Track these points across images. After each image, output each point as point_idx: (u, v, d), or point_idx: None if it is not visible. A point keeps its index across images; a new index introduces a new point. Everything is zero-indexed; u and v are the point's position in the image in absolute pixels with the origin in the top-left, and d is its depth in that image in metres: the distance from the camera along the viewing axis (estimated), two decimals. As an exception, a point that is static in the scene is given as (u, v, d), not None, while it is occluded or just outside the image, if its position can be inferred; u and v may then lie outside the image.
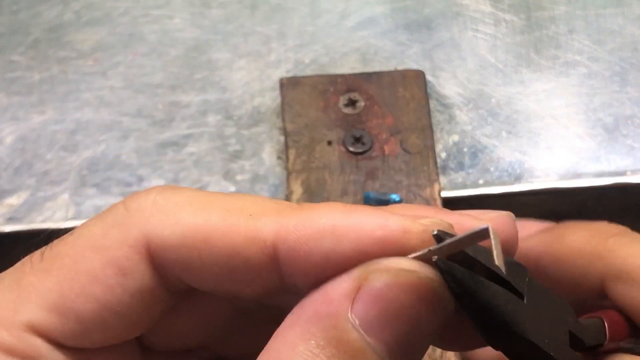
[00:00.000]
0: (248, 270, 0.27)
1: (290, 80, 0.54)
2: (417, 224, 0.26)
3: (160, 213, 0.27)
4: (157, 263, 0.27)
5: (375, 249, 0.26)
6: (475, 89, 0.56)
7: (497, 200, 0.53)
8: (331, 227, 0.26)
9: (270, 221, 0.27)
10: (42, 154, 0.54)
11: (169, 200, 0.28)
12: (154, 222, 0.27)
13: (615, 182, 0.54)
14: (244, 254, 0.27)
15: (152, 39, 0.58)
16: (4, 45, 0.57)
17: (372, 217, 0.26)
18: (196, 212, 0.27)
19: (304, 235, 0.26)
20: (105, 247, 0.27)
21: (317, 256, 0.26)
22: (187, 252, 0.27)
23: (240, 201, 0.28)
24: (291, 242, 0.26)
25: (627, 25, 0.59)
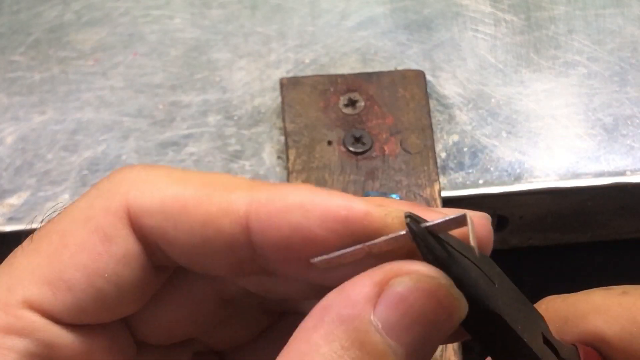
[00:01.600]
0: (221, 240, 0.28)
1: (290, 80, 0.55)
2: (379, 208, 0.28)
3: (141, 183, 0.29)
4: (137, 229, 0.28)
5: (340, 227, 0.27)
6: (475, 89, 0.56)
7: (496, 200, 0.54)
8: (300, 202, 0.27)
9: (244, 194, 0.28)
10: (43, 154, 0.54)
11: (150, 173, 0.29)
12: (135, 191, 0.28)
13: (614, 182, 0.54)
14: (217, 224, 0.28)
15: (153, 39, 0.58)
16: (5, 46, 0.57)
17: (338, 199, 0.28)
18: (175, 183, 0.29)
19: (275, 209, 0.27)
20: (90, 216, 0.29)
21: (286, 229, 0.27)
22: (164, 218, 0.28)
23: (216, 177, 0.29)
24: (262, 215, 0.27)
25: (627, 25, 0.59)
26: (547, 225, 0.56)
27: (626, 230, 0.58)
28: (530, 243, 0.58)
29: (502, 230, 0.56)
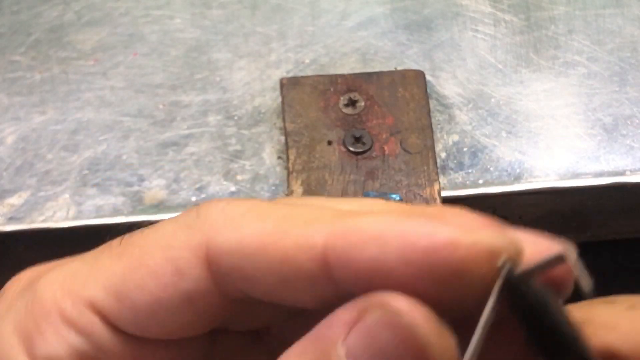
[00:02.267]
0: (301, 277, 0.27)
1: (290, 80, 0.55)
2: (467, 235, 0.26)
3: (223, 220, 0.28)
4: (214, 268, 0.28)
5: (420, 258, 0.25)
6: (475, 89, 0.56)
7: (496, 200, 0.54)
8: (377, 233, 0.26)
9: (322, 228, 0.27)
10: (43, 153, 0.54)
11: (234, 209, 0.28)
12: (216, 228, 0.28)
13: (614, 182, 0.54)
14: (294, 261, 0.27)
15: (153, 39, 0.58)
16: (5, 46, 0.58)
17: (421, 226, 0.26)
18: (255, 220, 0.28)
19: (352, 242, 0.26)
20: (170, 246, 0.29)
21: (363, 263, 0.26)
22: (242, 258, 0.27)
23: (299, 209, 0.28)
24: (339, 249, 0.26)
25: (627, 25, 0.59)
26: (547, 225, 0.56)
27: (626, 230, 0.58)
28: (530, 243, 0.58)
29: (502, 230, 0.56)
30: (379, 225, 0.26)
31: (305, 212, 0.28)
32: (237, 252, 0.28)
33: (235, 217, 0.28)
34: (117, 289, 0.29)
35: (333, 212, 0.28)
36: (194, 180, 0.53)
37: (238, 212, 0.28)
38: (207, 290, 0.28)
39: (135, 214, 0.52)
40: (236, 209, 0.28)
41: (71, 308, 0.29)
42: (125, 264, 0.29)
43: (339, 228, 0.27)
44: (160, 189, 0.53)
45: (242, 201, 0.29)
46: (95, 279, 0.29)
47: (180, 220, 0.29)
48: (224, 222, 0.28)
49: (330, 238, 0.26)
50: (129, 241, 0.30)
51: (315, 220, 0.27)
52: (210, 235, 0.28)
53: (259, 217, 0.28)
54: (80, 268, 0.30)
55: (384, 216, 0.27)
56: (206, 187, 0.53)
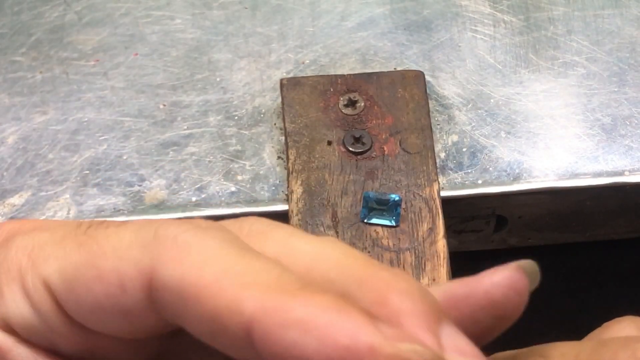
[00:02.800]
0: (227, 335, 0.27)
1: (290, 80, 0.55)
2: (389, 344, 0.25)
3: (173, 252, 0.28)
4: (152, 296, 0.28)
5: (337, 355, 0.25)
6: (474, 90, 0.57)
7: (495, 200, 0.54)
8: (302, 320, 0.26)
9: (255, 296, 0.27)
10: (44, 153, 0.54)
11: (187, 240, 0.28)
12: (164, 258, 0.28)
13: (613, 182, 0.54)
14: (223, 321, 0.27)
15: (153, 40, 0.58)
16: (6, 46, 0.58)
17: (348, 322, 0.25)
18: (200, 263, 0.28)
19: (275, 322, 0.26)
20: (122, 257, 0.29)
21: (281, 345, 0.26)
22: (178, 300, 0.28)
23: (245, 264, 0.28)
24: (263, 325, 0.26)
25: (625, 26, 0.59)
26: (546, 225, 0.57)
27: (625, 230, 0.58)
28: (529, 243, 0.58)
29: (500, 230, 0.57)
30: (308, 311, 0.26)
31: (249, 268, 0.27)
32: (175, 292, 0.28)
33: (184, 251, 0.28)
34: (69, 278, 0.30)
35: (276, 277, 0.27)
36: (194, 180, 0.53)
37: (188, 246, 0.28)
38: (144, 311, 0.29)
39: (135, 214, 0.52)
40: (188, 241, 0.28)
41: (30, 280, 0.30)
42: (82, 256, 0.30)
43: (269, 303, 0.26)
44: (160, 189, 0.53)
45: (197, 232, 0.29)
46: (55, 260, 0.30)
47: (141, 233, 0.29)
48: (172, 254, 0.28)
49: (258, 311, 0.26)
50: (93, 233, 0.30)
51: (252, 285, 0.27)
52: (157, 263, 0.28)
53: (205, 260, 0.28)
54: (48, 242, 0.31)
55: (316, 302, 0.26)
56: (206, 187, 0.53)
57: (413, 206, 0.50)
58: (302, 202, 0.51)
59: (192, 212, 0.52)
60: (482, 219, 0.55)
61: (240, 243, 0.29)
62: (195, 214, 0.52)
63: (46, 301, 0.30)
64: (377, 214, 0.50)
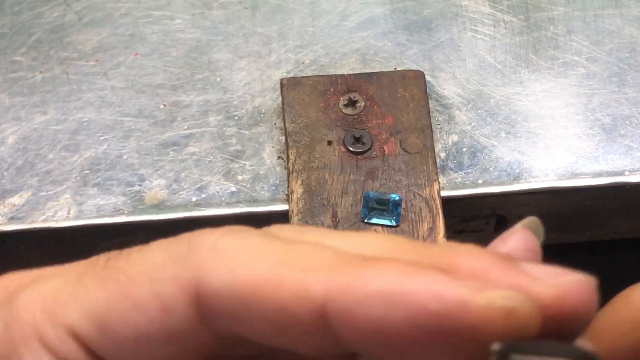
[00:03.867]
0: (298, 327, 0.25)
1: (290, 80, 0.55)
2: (479, 296, 0.24)
3: (215, 257, 0.26)
4: (203, 309, 0.26)
5: (429, 321, 0.24)
6: (475, 90, 0.57)
7: (495, 199, 0.54)
8: (382, 292, 0.24)
9: (322, 278, 0.25)
10: (44, 153, 0.54)
11: (226, 245, 0.27)
12: (208, 266, 0.26)
13: (613, 182, 0.54)
14: (292, 312, 0.25)
15: (153, 40, 0.58)
16: (6, 46, 0.58)
17: (430, 285, 0.24)
18: (249, 260, 0.26)
19: (354, 299, 0.24)
20: (157, 279, 0.27)
21: (368, 323, 0.24)
22: (234, 302, 0.26)
23: (297, 251, 0.26)
24: (340, 305, 0.24)
25: (625, 26, 0.59)
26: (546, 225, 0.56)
27: (625, 229, 0.58)
28: (529, 243, 0.58)
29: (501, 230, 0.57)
30: (384, 281, 0.24)
31: (303, 254, 0.26)
32: (229, 296, 0.26)
33: (227, 254, 0.26)
34: (100, 318, 0.27)
35: (333, 256, 0.26)
36: (194, 180, 0.53)
37: (231, 249, 0.26)
38: (195, 329, 0.27)
39: (136, 214, 0.52)
40: (229, 244, 0.27)
41: (52, 333, 0.28)
42: (109, 291, 0.27)
43: (340, 281, 0.25)
44: (160, 188, 0.53)
45: (234, 234, 0.27)
46: (78, 304, 0.28)
47: (171, 249, 0.28)
48: (216, 260, 0.26)
49: (331, 291, 0.25)
50: (114, 265, 0.28)
51: (314, 268, 0.25)
52: (201, 273, 0.26)
53: (254, 257, 0.26)
54: (62, 288, 0.28)
55: (389, 270, 0.25)
56: (206, 187, 0.53)
57: (413, 206, 0.50)
58: (302, 202, 0.51)
59: (192, 212, 0.52)
60: (482, 219, 0.55)
61: (280, 237, 0.27)
62: (195, 214, 0.52)
63: (76, 351, 0.28)
64: (378, 214, 0.50)
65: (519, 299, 0.24)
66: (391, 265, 0.25)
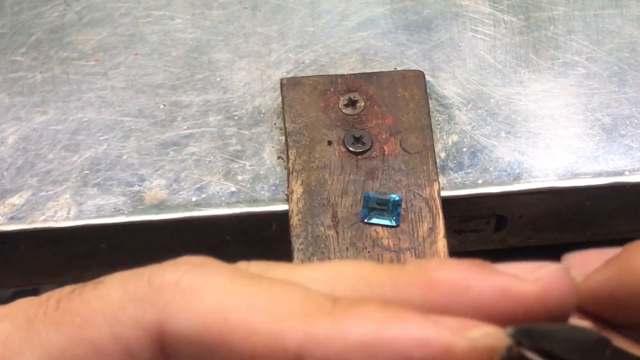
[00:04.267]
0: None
1: (290, 80, 0.55)
2: (463, 339, 0.23)
3: (181, 298, 0.25)
4: (169, 351, 0.25)
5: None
6: (475, 89, 0.57)
7: (496, 199, 0.54)
8: (363, 343, 0.23)
9: (296, 327, 0.24)
10: (44, 153, 0.54)
11: (191, 283, 0.25)
12: (173, 308, 0.25)
13: (613, 182, 0.54)
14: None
15: (154, 40, 0.58)
16: (6, 46, 0.58)
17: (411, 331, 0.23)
18: (218, 303, 0.25)
19: (333, 351, 0.23)
20: (118, 321, 0.25)
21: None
22: (201, 348, 0.25)
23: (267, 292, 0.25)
24: (319, 357, 0.23)
25: (626, 26, 0.59)
26: (546, 225, 0.57)
27: (625, 229, 0.58)
28: (529, 243, 0.58)
29: (501, 230, 0.57)
30: (363, 330, 0.23)
31: (274, 295, 0.24)
32: (196, 340, 0.25)
33: (193, 295, 0.25)
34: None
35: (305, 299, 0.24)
36: (194, 180, 0.53)
37: (197, 289, 0.25)
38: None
39: (135, 214, 0.52)
40: (194, 283, 0.25)
41: None
42: (65, 335, 0.26)
43: (317, 331, 0.24)
44: (160, 188, 0.53)
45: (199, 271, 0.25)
46: (32, 351, 0.26)
47: (129, 288, 0.26)
48: (181, 301, 0.25)
49: (307, 343, 0.23)
50: (67, 306, 0.26)
51: (288, 315, 0.24)
52: (165, 315, 0.25)
53: (222, 299, 0.24)
54: (12, 334, 0.26)
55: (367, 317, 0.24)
56: (206, 187, 0.53)
57: (413, 206, 0.50)
58: (302, 202, 0.51)
59: (192, 212, 0.52)
60: (482, 219, 0.55)
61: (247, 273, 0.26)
62: (195, 214, 0.52)
63: None
64: (378, 214, 0.50)
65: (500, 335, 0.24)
66: (368, 310, 0.24)
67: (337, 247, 0.49)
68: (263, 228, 0.53)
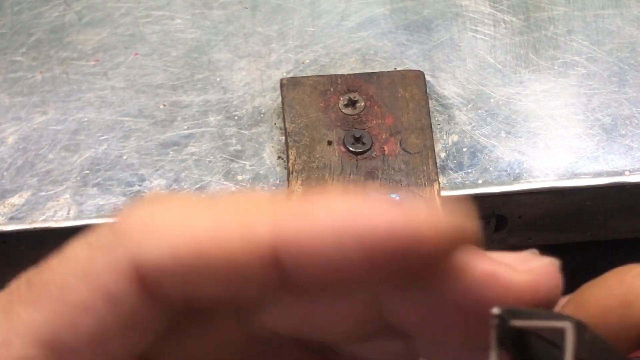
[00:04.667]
0: (251, 279, 0.24)
1: (290, 80, 0.55)
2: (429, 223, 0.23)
3: (147, 232, 0.25)
4: (149, 286, 0.25)
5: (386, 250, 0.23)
6: (475, 90, 0.57)
7: (496, 199, 0.54)
8: (332, 222, 0.23)
9: (266, 217, 0.23)
10: (44, 153, 0.54)
11: (155, 216, 0.25)
12: (142, 243, 0.24)
13: (613, 182, 0.54)
14: (242, 262, 0.24)
15: (153, 40, 0.58)
16: (6, 46, 0.58)
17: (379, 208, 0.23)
18: (185, 225, 0.24)
19: (304, 233, 0.23)
20: (92, 273, 0.25)
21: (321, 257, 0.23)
22: (180, 270, 0.24)
23: (231, 203, 0.25)
24: (291, 242, 0.23)
25: (626, 26, 0.59)
26: (546, 225, 0.57)
27: (625, 229, 0.58)
28: (529, 243, 0.58)
29: (501, 230, 0.57)
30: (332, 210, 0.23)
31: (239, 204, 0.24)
32: (173, 265, 0.24)
33: (158, 225, 0.25)
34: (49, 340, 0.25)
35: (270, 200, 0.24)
36: (194, 180, 0.53)
37: (160, 219, 0.25)
38: (147, 309, 0.25)
39: (135, 214, 0.52)
40: (156, 215, 0.25)
41: None
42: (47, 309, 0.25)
43: (286, 217, 0.23)
44: (160, 188, 0.53)
45: (160, 203, 0.25)
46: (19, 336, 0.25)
47: (93, 242, 0.25)
48: (149, 234, 0.24)
49: (279, 230, 0.23)
50: (39, 282, 0.25)
51: (255, 210, 0.24)
52: (137, 251, 0.24)
53: (188, 221, 0.24)
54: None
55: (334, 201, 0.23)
56: (206, 187, 0.53)
57: (413, 206, 0.50)
58: (302, 202, 0.51)
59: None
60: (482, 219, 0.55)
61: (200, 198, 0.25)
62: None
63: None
64: (377, 214, 0.50)
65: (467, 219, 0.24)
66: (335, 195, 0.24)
67: (337, 247, 0.49)
68: (263, 228, 0.53)
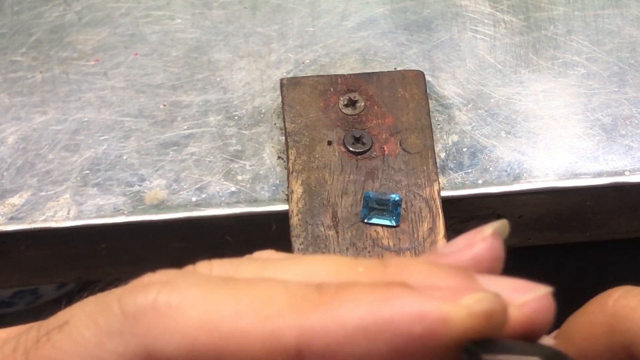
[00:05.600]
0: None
1: (290, 80, 0.55)
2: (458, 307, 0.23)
3: (162, 321, 0.23)
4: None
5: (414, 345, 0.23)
6: (475, 89, 0.57)
7: (496, 199, 0.54)
8: (362, 326, 0.23)
9: (290, 323, 0.23)
10: (44, 153, 0.54)
11: (169, 302, 0.24)
12: (156, 333, 0.23)
13: (613, 182, 0.54)
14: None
15: (153, 40, 0.58)
16: (6, 46, 0.58)
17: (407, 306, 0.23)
18: (203, 316, 0.23)
19: (333, 341, 0.23)
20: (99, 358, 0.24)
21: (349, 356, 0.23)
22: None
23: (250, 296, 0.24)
24: (318, 347, 0.23)
25: (626, 26, 0.59)
26: (546, 225, 0.57)
27: (625, 229, 0.58)
28: (529, 243, 0.58)
29: (501, 229, 0.57)
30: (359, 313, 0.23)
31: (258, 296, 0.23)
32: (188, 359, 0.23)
33: (174, 314, 0.23)
34: None
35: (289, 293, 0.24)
36: (194, 180, 0.53)
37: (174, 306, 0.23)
38: None
39: (135, 214, 0.52)
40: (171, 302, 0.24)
41: None
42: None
43: (312, 322, 0.23)
44: (160, 189, 0.53)
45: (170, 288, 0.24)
46: None
47: (102, 323, 0.24)
48: (163, 323, 0.23)
49: (305, 335, 0.23)
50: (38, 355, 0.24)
51: (278, 313, 0.23)
52: (150, 341, 0.23)
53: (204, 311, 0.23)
54: None
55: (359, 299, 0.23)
56: (207, 187, 0.53)
57: (413, 206, 0.50)
58: (302, 202, 0.51)
59: (192, 212, 0.52)
60: (482, 219, 0.55)
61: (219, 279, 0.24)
62: (195, 214, 0.52)
63: None
64: (378, 214, 0.50)
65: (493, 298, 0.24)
66: (357, 292, 0.23)
67: (337, 247, 0.49)
68: (263, 228, 0.53)
